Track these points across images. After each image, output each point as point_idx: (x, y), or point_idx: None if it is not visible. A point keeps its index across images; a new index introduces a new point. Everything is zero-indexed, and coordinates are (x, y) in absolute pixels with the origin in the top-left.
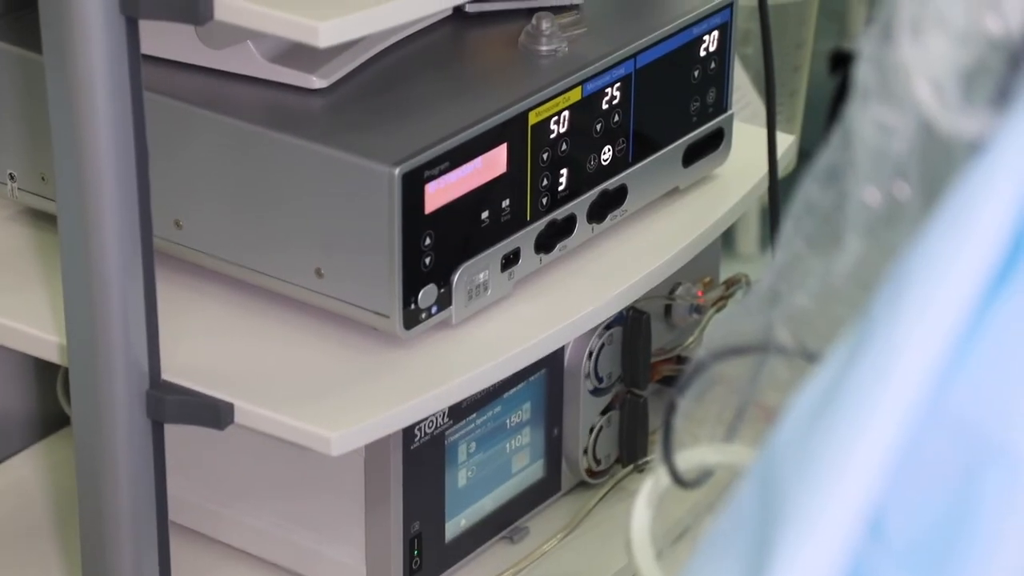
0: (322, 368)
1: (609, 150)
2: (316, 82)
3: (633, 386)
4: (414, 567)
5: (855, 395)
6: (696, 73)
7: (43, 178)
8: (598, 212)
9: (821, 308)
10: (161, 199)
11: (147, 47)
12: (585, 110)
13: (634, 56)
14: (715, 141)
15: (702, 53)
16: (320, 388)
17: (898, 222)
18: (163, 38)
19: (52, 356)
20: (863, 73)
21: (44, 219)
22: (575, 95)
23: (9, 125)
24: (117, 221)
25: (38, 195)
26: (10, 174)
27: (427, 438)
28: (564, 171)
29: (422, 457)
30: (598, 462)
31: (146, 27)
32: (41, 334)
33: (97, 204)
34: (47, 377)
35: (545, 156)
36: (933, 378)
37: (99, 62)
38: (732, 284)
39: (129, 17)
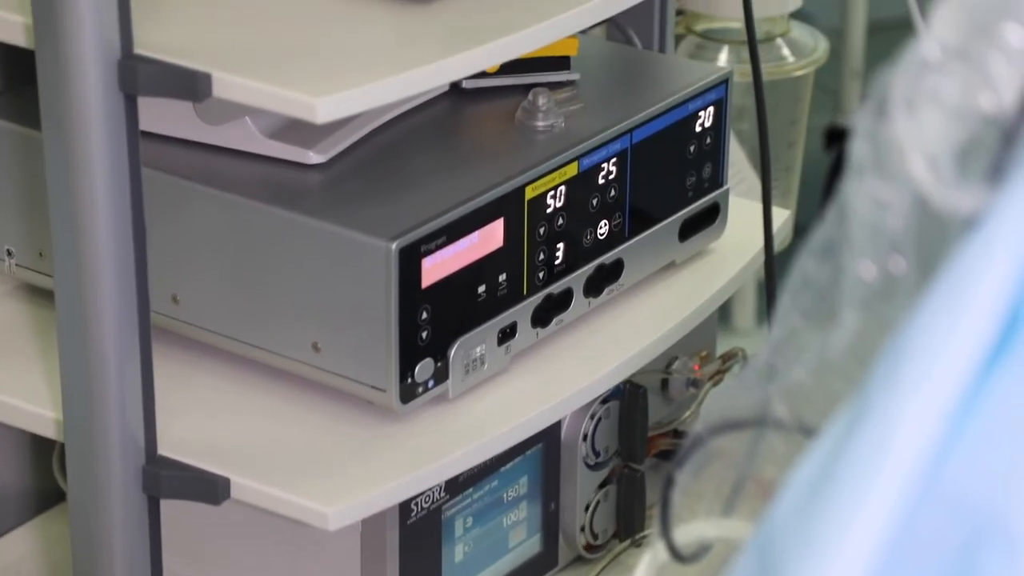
0: (318, 443)
1: (605, 224)
2: (313, 157)
3: (630, 460)
4: None
5: (852, 470)
6: (692, 148)
7: (41, 254)
8: (594, 286)
9: (818, 382)
10: (158, 274)
11: (145, 123)
12: (581, 185)
13: (630, 131)
14: (711, 216)
15: (698, 129)
16: (316, 463)
17: (894, 297)
18: (161, 114)
19: (48, 432)
20: (858, 149)
21: (41, 295)
22: (571, 170)
23: (8, 201)
24: (114, 297)
25: (36, 271)
26: (8, 250)
27: (423, 513)
28: (560, 245)
29: (419, 532)
30: (595, 537)
31: (145, 103)
32: (37, 409)
33: (94, 280)
34: (43, 453)
35: (542, 230)
36: (930, 454)
37: (98, 139)
38: (729, 358)
39: (128, 94)
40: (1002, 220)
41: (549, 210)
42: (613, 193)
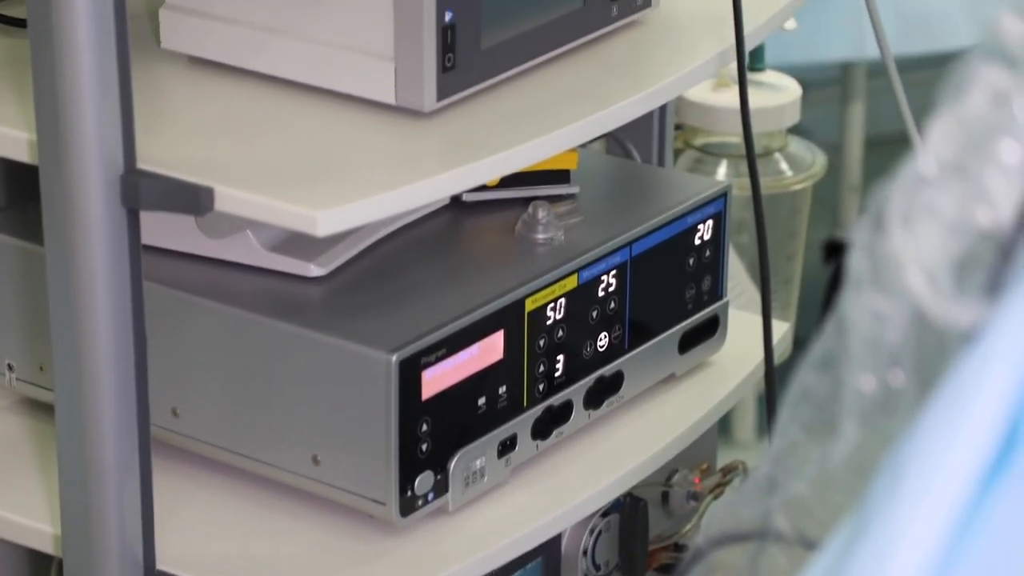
0: (318, 556)
1: (605, 337)
2: (314, 270)
3: (630, 574)
4: None
5: None
6: (691, 261)
7: (41, 368)
8: (594, 398)
9: (818, 495)
10: (158, 387)
11: (147, 238)
12: (581, 297)
13: (630, 244)
14: (711, 328)
15: (697, 241)
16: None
17: (894, 410)
18: (162, 228)
19: (47, 547)
20: (856, 262)
21: (42, 409)
22: (571, 282)
23: (9, 316)
24: (114, 411)
25: (36, 385)
26: (8, 364)
27: None
28: (560, 357)
29: None
30: None
31: (146, 218)
32: (36, 525)
33: (94, 393)
34: (42, 568)
35: (542, 343)
36: (929, 570)
37: (100, 253)
38: (729, 471)
39: (131, 209)
40: (1000, 334)
41: (549, 322)
42: (613, 305)
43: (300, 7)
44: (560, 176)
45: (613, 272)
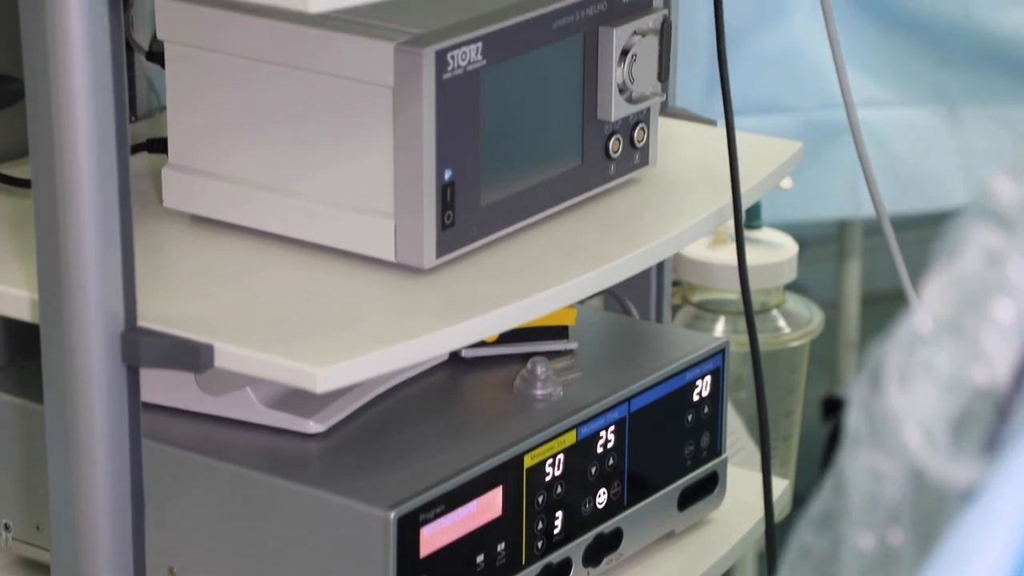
0: None
1: (604, 493)
2: (313, 427)
3: None
4: None
5: None
6: (690, 417)
7: (38, 528)
8: (593, 556)
9: None
10: (155, 545)
11: (145, 394)
12: (580, 453)
13: (628, 400)
14: (710, 485)
15: (695, 398)
16: None
17: (893, 568)
18: (162, 385)
19: None
20: (854, 420)
21: (38, 570)
22: (570, 438)
23: (6, 475)
24: (110, 572)
25: (33, 545)
26: (5, 524)
27: None
28: (559, 514)
29: None
30: None
31: (145, 374)
32: None
33: (91, 554)
34: None
35: (540, 499)
36: None
37: (99, 411)
38: None
39: (131, 366)
40: (999, 493)
41: (548, 479)
42: (612, 462)
43: (301, 166)
44: (559, 332)
45: (612, 428)
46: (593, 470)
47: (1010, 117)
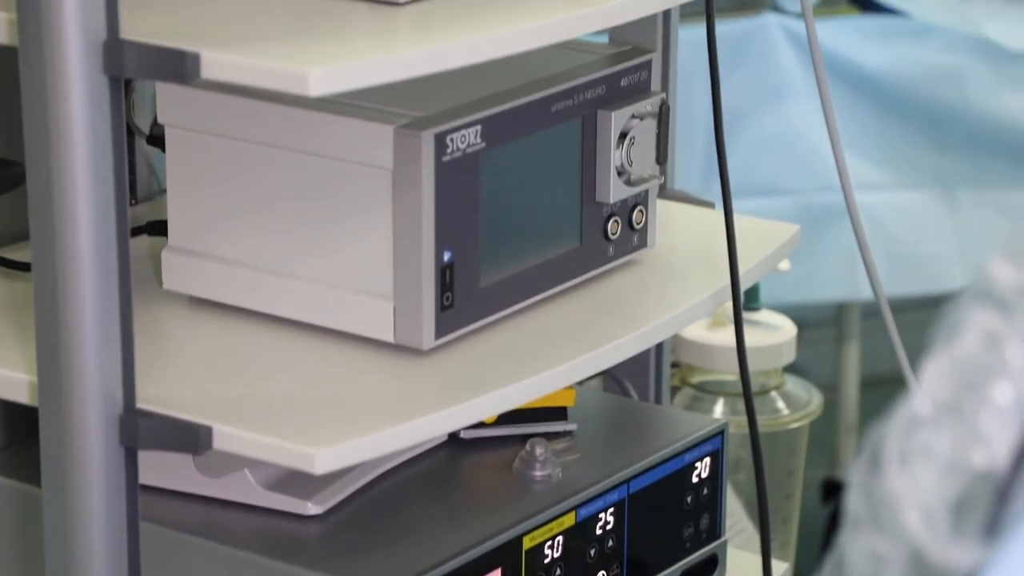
0: None
1: (603, 575)
2: (312, 508)
3: None
4: None
5: None
6: (689, 499)
7: None
8: None
9: None
10: None
11: (144, 477)
12: (579, 535)
13: (627, 482)
14: (709, 567)
15: (695, 479)
16: None
17: None
18: (160, 467)
19: None
20: (853, 502)
21: None
22: (569, 520)
23: (5, 558)
24: None
25: None
26: None
27: None
28: None
29: None
30: None
31: (144, 457)
32: None
33: None
34: None
35: None
36: None
37: (97, 494)
38: None
39: (129, 448)
40: None
41: (547, 560)
42: (611, 543)
43: (300, 248)
44: (557, 413)
45: (611, 510)
46: (592, 552)
47: (1007, 201)
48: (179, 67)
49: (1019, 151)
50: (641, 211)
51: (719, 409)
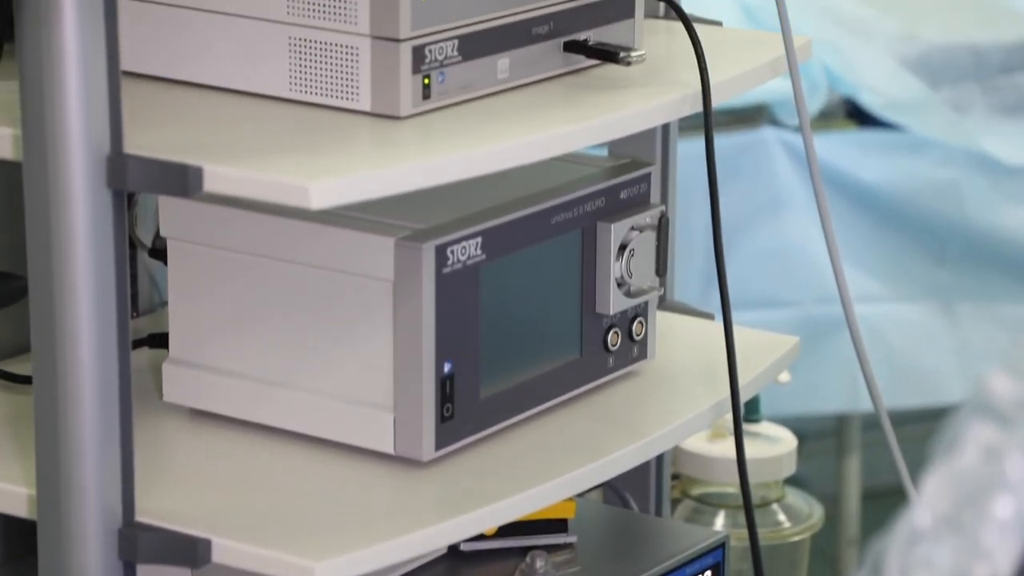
0: None
1: None
2: None
3: None
4: None
5: None
6: None
7: None
8: None
9: None
10: None
11: None
12: None
13: None
14: None
15: None
16: None
17: None
18: None
19: None
20: None
21: None
22: None
23: None
24: None
25: None
26: None
27: None
28: None
29: None
30: None
31: (143, 570)
32: None
33: None
34: None
35: None
36: None
37: None
38: None
39: (127, 561)
40: None
41: None
42: None
43: (300, 360)
44: (558, 525)
45: None
46: None
47: (1006, 315)
48: (182, 180)
49: (1017, 265)
50: (641, 322)
51: (720, 521)
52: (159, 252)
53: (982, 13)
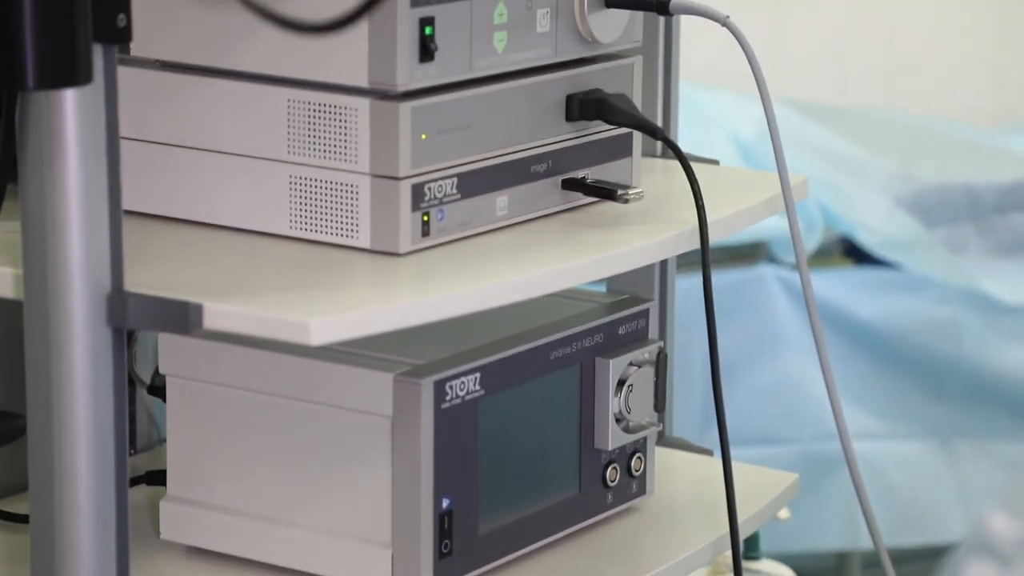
0: None
1: None
2: None
3: None
4: None
5: None
6: None
7: None
8: None
9: None
10: None
11: None
12: None
13: None
14: None
15: None
16: None
17: None
18: None
19: None
20: None
21: None
22: None
23: None
24: None
25: None
26: None
27: None
28: None
29: None
30: None
31: None
32: None
33: None
34: None
35: None
36: None
37: None
38: None
39: None
40: None
41: None
42: None
43: (298, 496)
44: None
45: None
46: None
47: (1005, 453)
48: (182, 318)
49: (1015, 403)
50: (640, 458)
51: None
52: (158, 389)
53: (976, 154)
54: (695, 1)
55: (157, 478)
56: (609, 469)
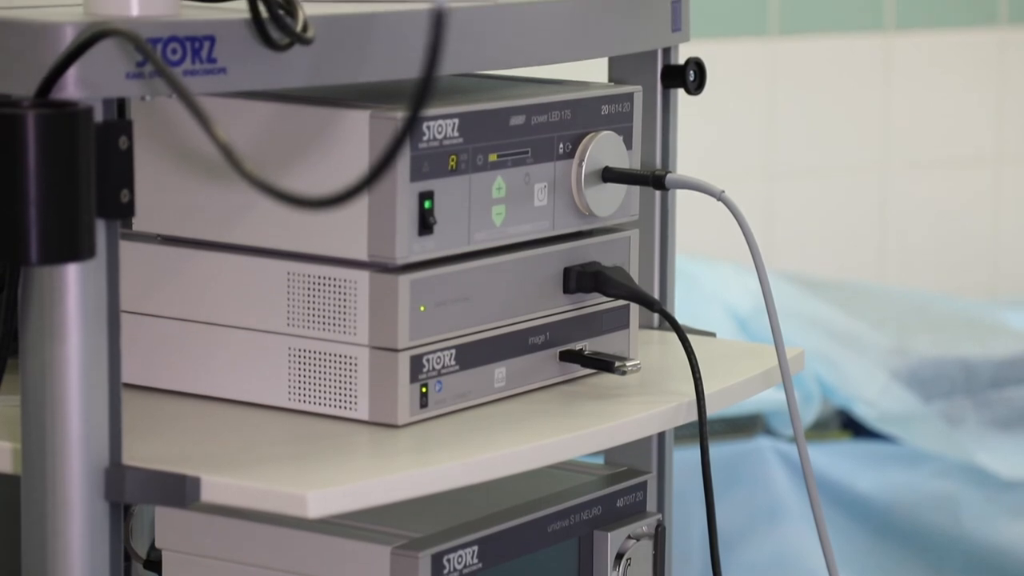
0: None
1: None
2: None
3: None
4: None
5: None
6: None
7: None
8: None
9: None
10: None
11: None
12: None
13: None
14: None
15: None
16: None
17: None
18: None
19: None
20: None
21: None
22: None
23: None
24: None
25: None
26: None
27: None
28: None
29: None
30: None
31: None
32: None
33: None
34: None
35: None
36: None
37: None
38: None
39: None
40: None
41: None
42: None
43: None
44: None
45: None
46: None
47: None
48: (179, 491)
49: None
50: None
51: None
52: (154, 564)
53: (971, 329)
54: (691, 176)
55: None
56: None
